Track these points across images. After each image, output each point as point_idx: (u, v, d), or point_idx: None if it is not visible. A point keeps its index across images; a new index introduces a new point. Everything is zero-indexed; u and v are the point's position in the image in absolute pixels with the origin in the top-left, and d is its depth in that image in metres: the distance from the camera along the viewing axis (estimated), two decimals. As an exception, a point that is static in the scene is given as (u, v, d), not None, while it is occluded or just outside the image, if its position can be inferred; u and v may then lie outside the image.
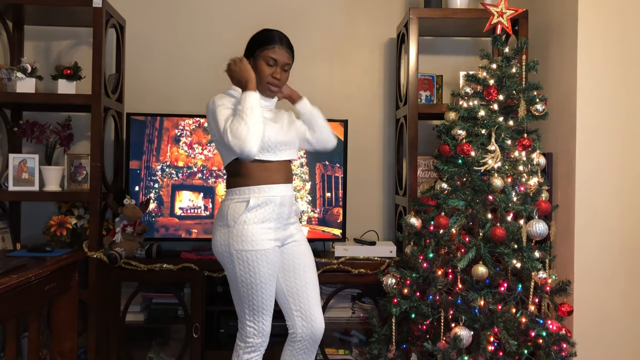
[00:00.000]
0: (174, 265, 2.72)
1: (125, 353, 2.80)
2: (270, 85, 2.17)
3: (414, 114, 2.83)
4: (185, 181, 2.92)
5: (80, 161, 2.95)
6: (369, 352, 2.49)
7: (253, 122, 1.98)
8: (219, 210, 2.17)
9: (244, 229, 2.07)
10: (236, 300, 2.15)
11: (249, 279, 2.08)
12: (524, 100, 2.42)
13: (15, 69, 2.79)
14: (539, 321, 2.28)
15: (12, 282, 1.95)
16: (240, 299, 2.12)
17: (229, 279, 2.15)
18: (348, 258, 2.80)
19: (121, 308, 2.77)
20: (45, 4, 2.78)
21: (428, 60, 3.20)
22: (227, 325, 2.83)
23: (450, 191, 2.44)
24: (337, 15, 3.28)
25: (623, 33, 2.52)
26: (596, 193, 2.51)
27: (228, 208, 2.11)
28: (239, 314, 2.16)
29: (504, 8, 2.50)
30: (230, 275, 2.12)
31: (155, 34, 3.22)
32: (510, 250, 2.29)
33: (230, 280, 2.15)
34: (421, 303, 2.37)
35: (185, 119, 2.92)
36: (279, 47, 2.17)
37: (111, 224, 2.90)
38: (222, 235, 2.11)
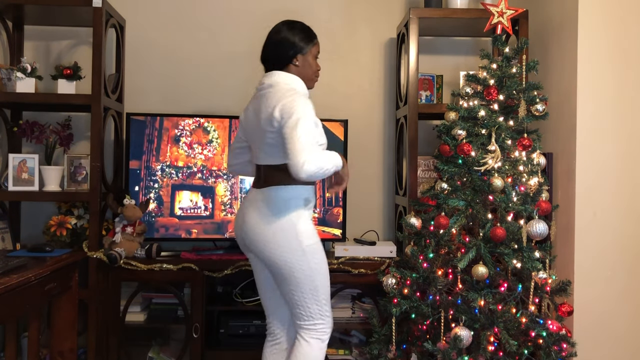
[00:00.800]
0: (174, 265, 2.71)
1: (125, 353, 2.80)
2: (315, 78, 2.26)
3: (414, 114, 2.83)
4: (185, 181, 2.92)
5: (80, 161, 2.95)
6: (369, 352, 2.49)
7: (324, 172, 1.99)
8: (276, 209, 2.10)
9: (309, 224, 2.13)
10: (310, 297, 2.12)
11: (323, 269, 2.14)
12: (524, 100, 2.42)
13: (15, 69, 2.78)
14: (539, 321, 2.28)
15: (12, 282, 1.95)
16: (317, 292, 2.12)
17: (297, 278, 2.09)
18: (348, 258, 2.80)
19: (121, 308, 2.77)
20: (45, 4, 2.78)
21: (428, 60, 3.19)
22: (227, 325, 2.83)
23: (450, 191, 2.44)
24: (337, 15, 3.28)
25: (623, 33, 2.52)
26: (596, 193, 2.51)
27: (289, 205, 2.10)
28: (313, 311, 2.13)
29: (504, 8, 2.50)
30: (303, 271, 2.09)
31: (155, 34, 3.22)
32: (510, 250, 2.29)
33: (299, 279, 2.09)
34: (421, 303, 2.36)
35: (185, 119, 2.92)
36: (317, 40, 2.25)
37: (111, 224, 2.90)
38: (291, 240, 2.08)
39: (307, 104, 2.03)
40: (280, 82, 2.13)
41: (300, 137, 1.94)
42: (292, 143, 1.94)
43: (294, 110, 1.99)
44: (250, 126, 2.20)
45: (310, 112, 2.02)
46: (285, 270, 2.09)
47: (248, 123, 2.22)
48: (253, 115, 2.18)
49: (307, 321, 2.14)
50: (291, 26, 2.20)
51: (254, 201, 2.16)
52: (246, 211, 2.17)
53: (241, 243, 2.23)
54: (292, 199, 2.11)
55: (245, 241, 2.18)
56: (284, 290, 2.15)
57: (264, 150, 2.13)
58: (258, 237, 2.11)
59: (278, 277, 2.13)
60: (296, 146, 1.92)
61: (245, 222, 2.15)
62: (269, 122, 2.05)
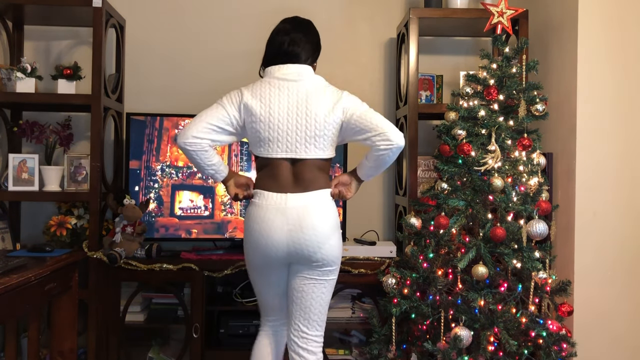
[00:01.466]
0: (174, 265, 2.71)
1: (125, 353, 2.80)
2: None
3: (414, 114, 2.83)
4: (185, 181, 2.92)
5: (80, 161, 2.95)
6: (369, 352, 2.49)
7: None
8: (328, 212, 2.09)
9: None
10: (326, 305, 2.17)
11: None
12: (524, 100, 2.42)
13: (15, 69, 2.79)
14: (539, 321, 2.28)
15: (12, 282, 1.95)
16: (328, 303, 2.18)
17: (331, 282, 2.15)
18: (348, 258, 2.80)
19: (121, 308, 2.77)
20: (45, 4, 2.78)
21: (428, 60, 3.19)
22: (227, 325, 2.83)
23: (450, 191, 2.44)
24: (337, 15, 3.28)
25: (623, 33, 2.52)
26: (596, 193, 2.51)
27: (334, 209, 2.14)
28: (322, 320, 2.16)
29: (504, 8, 2.50)
30: (335, 277, 2.16)
31: (155, 34, 3.22)
32: (510, 250, 2.29)
33: (331, 284, 2.16)
34: (421, 303, 2.37)
35: (185, 119, 2.92)
36: None
37: (111, 224, 2.90)
38: (340, 236, 2.14)
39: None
40: (320, 80, 2.16)
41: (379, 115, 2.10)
42: (379, 119, 2.07)
43: (356, 100, 2.15)
44: (282, 117, 2.07)
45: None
46: (334, 269, 2.12)
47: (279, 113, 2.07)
48: (293, 105, 2.08)
49: (318, 332, 2.15)
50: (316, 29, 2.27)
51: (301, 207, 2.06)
52: (299, 216, 2.04)
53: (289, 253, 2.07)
54: (333, 203, 2.14)
55: (305, 249, 2.05)
56: (317, 294, 2.12)
57: (314, 143, 2.07)
58: (326, 239, 2.07)
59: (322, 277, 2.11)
60: (384, 121, 2.07)
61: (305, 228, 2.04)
62: (335, 115, 2.08)
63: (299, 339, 2.13)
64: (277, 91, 2.09)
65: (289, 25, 2.21)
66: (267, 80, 2.13)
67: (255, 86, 2.13)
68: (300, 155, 2.08)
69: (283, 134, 2.08)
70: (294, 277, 2.13)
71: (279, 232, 2.04)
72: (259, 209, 2.08)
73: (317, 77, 2.16)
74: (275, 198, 2.06)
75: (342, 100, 2.11)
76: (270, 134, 2.08)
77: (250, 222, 2.10)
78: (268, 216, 2.06)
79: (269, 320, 2.29)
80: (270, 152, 2.09)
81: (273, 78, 2.12)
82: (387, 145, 2.04)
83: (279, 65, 2.13)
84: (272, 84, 2.11)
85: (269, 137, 2.08)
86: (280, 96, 2.09)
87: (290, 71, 2.11)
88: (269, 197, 2.07)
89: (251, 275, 2.22)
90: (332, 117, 2.08)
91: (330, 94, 2.12)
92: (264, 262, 2.12)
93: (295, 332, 2.14)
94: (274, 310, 2.26)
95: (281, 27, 2.22)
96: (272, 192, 2.08)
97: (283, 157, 2.09)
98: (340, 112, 2.09)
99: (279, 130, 2.07)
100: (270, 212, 2.06)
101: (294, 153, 2.08)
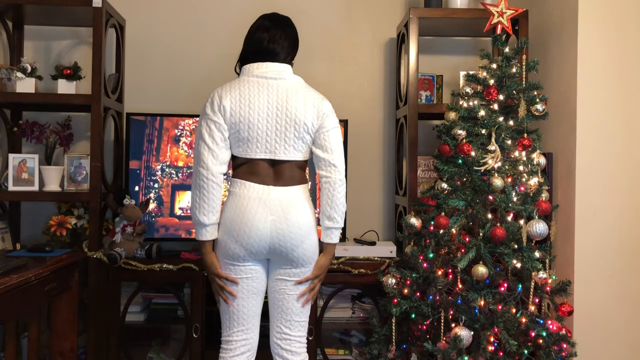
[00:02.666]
0: (174, 265, 2.71)
1: (125, 353, 2.80)
2: None
3: (414, 114, 2.83)
4: (185, 181, 2.92)
5: (80, 161, 2.95)
6: (369, 352, 2.49)
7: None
8: (309, 209, 2.09)
9: None
10: (305, 308, 2.15)
11: None
12: (524, 100, 2.42)
13: (15, 69, 2.79)
14: (539, 321, 2.28)
15: (12, 282, 1.95)
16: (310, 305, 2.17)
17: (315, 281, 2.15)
18: (348, 258, 2.80)
19: (121, 308, 2.77)
20: (45, 4, 2.78)
21: (428, 60, 3.20)
22: (227, 325, 2.83)
23: (450, 191, 2.44)
24: (337, 15, 3.28)
25: (623, 33, 2.52)
26: (596, 193, 2.51)
27: (311, 204, 2.13)
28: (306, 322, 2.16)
29: (504, 8, 2.50)
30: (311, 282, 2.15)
31: (155, 34, 3.22)
32: (510, 251, 2.29)
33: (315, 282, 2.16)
34: (421, 303, 2.37)
35: (185, 119, 2.92)
36: None
37: (111, 224, 2.90)
38: (316, 238, 2.12)
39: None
40: (300, 81, 2.12)
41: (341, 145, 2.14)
42: (339, 148, 2.11)
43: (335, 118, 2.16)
44: (262, 117, 2.03)
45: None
46: (304, 272, 2.09)
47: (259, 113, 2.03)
48: (273, 105, 2.04)
49: (299, 332, 2.12)
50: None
51: (282, 200, 2.03)
52: (279, 211, 2.02)
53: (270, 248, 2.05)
54: (309, 199, 2.14)
55: (284, 244, 2.04)
56: (295, 293, 2.10)
57: (293, 145, 2.06)
58: (305, 236, 2.05)
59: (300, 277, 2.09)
60: (341, 152, 2.11)
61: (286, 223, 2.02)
62: (312, 117, 2.06)
63: (281, 340, 2.12)
64: (257, 90, 2.05)
65: (268, 22, 2.15)
66: (246, 79, 2.08)
67: (232, 85, 2.07)
68: (279, 157, 2.06)
69: (262, 135, 2.04)
70: (273, 279, 2.12)
71: (263, 222, 2.01)
72: (241, 199, 2.04)
73: (296, 76, 2.13)
74: (258, 188, 2.04)
75: (322, 105, 2.10)
76: (249, 134, 2.04)
77: (231, 212, 2.04)
78: (251, 205, 2.02)
79: (235, 335, 2.11)
80: (249, 152, 2.06)
81: (252, 76, 2.07)
82: (329, 173, 2.08)
83: (258, 63, 2.09)
84: (251, 82, 2.06)
85: (249, 137, 2.04)
86: (259, 95, 2.04)
87: (270, 69, 2.07)
88: (251, 187, 2.04)
89: (224, 271, 2.08)
90: (310, 118, 2.07)
91: (311, 95, 2.10)
92: (244, 253, 2.04)
93: (277, 334, 2.13)
94: (243, 317, 2.10)
95: (260, 23, 2.17)
96: (254, 182, 2.05)
97: (262, 158, 2.06)
98: (317, 114, 2.08)
99: (258, 131, 2.04)
100: (253, 202, 2.02)
101: (273, 154, 2.06)
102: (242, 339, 2.11)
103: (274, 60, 2.10)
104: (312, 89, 2.14)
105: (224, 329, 2.13)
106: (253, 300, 2.11)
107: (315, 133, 2.09)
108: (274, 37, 2.11)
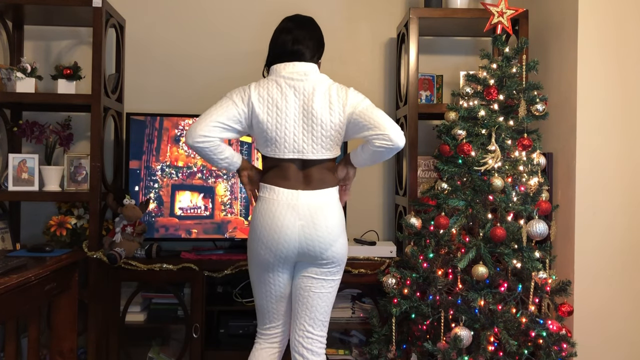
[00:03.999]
0: (174, 265, 2.71)
1: (125, 353, 2.80)
2: None
3: (414, 113, 2.83)
4: (185, 181, 2.92)
5: (80, 161, 2.95)
6: (369, 352, 2.49)
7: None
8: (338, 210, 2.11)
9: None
10: (330, 307, 2.16)
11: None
12: (524, 100, 2.42)
13: (15, 69, 2.79)
14: (539, 321, 2.28)
15: (12, 282, 1.95)
16: (332, 304, 2.17)
17: (334, 286, 2.16)
18: (348, 258, 2.80)
19: (121, 308, 2.77)
20: (45, 4, 2.78)
21: (428, 60, 3.20)
22: (227, 325, 2.83)
23: (450, 191, 2.44)
24: (337, 15, 3.28)
25: (623, 33, 2.52)
26: (596, 193, 2.51)
27: (341, 209, 2.15)
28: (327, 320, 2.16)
29: (504, 8, 2.50)
30: (339, 279, 2.16)
31: (155, 34, 3.22)
32: (510, 250, 2.29)
33: (337, 282, 2.16)
34: (421, 303, 2.37)
35: (185, 118, 2.92)
36: None
37: (111, 224, 2.90)
38: (346, 239, 2.15)
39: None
40: (325, 78, 2.14)
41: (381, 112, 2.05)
42: (380, 116, 2.02)
43: (360, 95, 2.11)
44: (290, 118, 2.06)
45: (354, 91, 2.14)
46: (341, 267, 2.13)
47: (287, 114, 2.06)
48: (300, 106, 2.06)
49: (322, 332, 2.13)
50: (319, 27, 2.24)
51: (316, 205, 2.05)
52: (312, 214, 2.04)
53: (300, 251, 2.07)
54: (339, 202, 2.14)
55: (317, 247, 2.05)
56: (324, 292, 2.11)
57: (321, 144, 2.07)
58: (336, 237, 2.08)
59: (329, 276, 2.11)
60: (385, 118, 2.02)
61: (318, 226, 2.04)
62: (339, 112, 2.06)
63: (303, 339, 2.11)
64: (284, 91, 2.07)
65: (292, 24, 2.18)
66: (274, 79, 2.09)
67: (262, 84, 2.10)
68: (308, 157, 2.07)
69: (290, 135, 2.06)
70: (300, 276, 2.12)
71: (292, 227, 2.02)
72: (270, 204, 2.05)
73: (322, 76, 2.13)
74: (287, 194, 2.05)
75: (347, 99, 2.08)
76: (277, 134, 2.06)
77: (260, 217, 2.06)
78: (280, 211, 2.03)
79: (266, 329, 2.22)
80: (277, 152, 2.08)
81: (279, 77, 2.09)
82: (387, 145, 2.00)
83: (285, 64, 2.10)
84: (279, 82, 2.08)
85: (277, 137, 2.06)
86: (287, 96, 2.06)
87: (297, 70, 2.08)
88: (280, 192, 2.05)
89: (254, 276, 2.16)
90: (337, 117, 2.06)
91: (336, 93, 2.09)
92: (273, 259, 2.07)
93: (300, 332, 2.12)
94: (273, 316, 2.19)
95: (284, 25, 2.19)
96: (283, 188, 2.07)
97: (291, 158, 2.07)
98: (345, 111, 2.07)
99: (286, 132, 2.06)
100: (282, 207, 2.04)
101: (301, 154, 2.07)
102: (273, 333, 2.21)
103: (301, 60, 2.12)
104: (337, 85, 2.13)
105: (258, 322, 2.24)
106: (282, 303, 2.18)
107: (350, 120, 2.07)
108: (297, 38, 2.13)
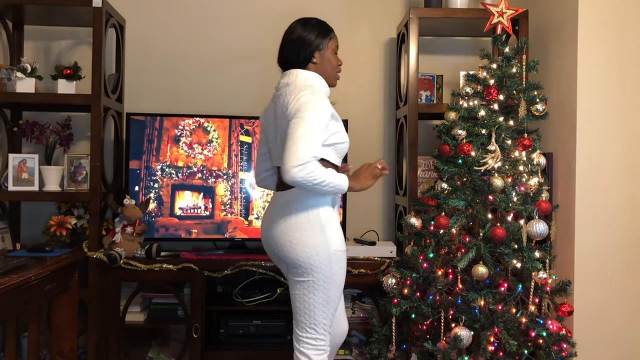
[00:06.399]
0: (174, 265, 2.71)
1: (125, 353, 2.80)
2: (337, 74, 2.21)
3: (414, 113, 2.83)
4: (185, 181, 2.92)
5: (80, 161, 2.95)
6: (369, 352, 2.49)
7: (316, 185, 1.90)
8: (303, 210, 2.04)
9: (337, 229, 2.08)
10: (320, 307, 2.04)
11: (341, 279, 2.09)
12: (524, 100, 2.42)
13: (15, 69, 2.78)
14: (539, 321, 2.28)
15: (12, 282, 1.95)
16: (328, 304, 2.05)
17: (315, 282, 2.02)
18: (348, 258, 2.80)
19: (121, 308, 2.77)
20: (45, 4, 2.78)
21: (428, 60, 3.19)
22: (227, 325, 2.83)
23: (450, 191, 2.44)
24: (337, 15, 3.28)
25: (623, 33, 2.52)
26: (596, 193, 2.51)
27: (319, 208, 2.05)
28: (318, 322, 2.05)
29: (504, 8, 2.50)
30: (324, 275, 2.02)
31: (155, 34, 3.22)
32: (510, 250, 2.29)
33: (316, 284, 2.02)
34: (421, 303, 2.37)
35: (185, 118, 2.92)
36: (334, 34, 2.21)
37: (111, 224, 2.90)
38: (317, 237, 2.02)
39: (320, 101, 1.97)
40: (298, 79, 2.07)
41: (301, 136, 1.88)
42: (292, 141, 1.88)
43: (303, 106, 1.93)
44: (270, 127, 2.17)
45: (322, 110, 1.96)
46: (306, 270, 2.01)
47: (268, 124, 2.19)
48: (272, 116, 2.14)
49: (308, 334, 2.06)
50: (305, 23, 2.17)
51: (278, 205, 2.13)
52: (272, 215, 2.12)
53: (270, 252, 2.20)
54: (320, 201, 2.06)
55: (273, 247, 2.12)
56: (295, 293, 2.07)
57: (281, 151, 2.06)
58: (285, 238, 2.05)
59: (294, 277, 2.06)
60: (294, 146, 1.87)
61: (272, 227, 2.10)
62: (285, 121, 2.00)
63: (294, 339, 2.14)
64: (272, 104, 2.17)
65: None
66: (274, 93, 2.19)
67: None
68: (279, 164, 2.10)
69: (272, 145, 2.20)
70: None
71: (265, 227, 2.21)
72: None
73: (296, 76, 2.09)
74: (272, 195, 2.25)
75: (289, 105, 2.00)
76: (269, 144, 2.24)
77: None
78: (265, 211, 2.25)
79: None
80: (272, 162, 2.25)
81: (275, 90, 2.18)
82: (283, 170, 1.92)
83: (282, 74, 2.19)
84: (273, 94, 2.18)
85: (271, 147, 2.22)
86: (271, 108, 2.17)
87: (282, 81, 2.14)
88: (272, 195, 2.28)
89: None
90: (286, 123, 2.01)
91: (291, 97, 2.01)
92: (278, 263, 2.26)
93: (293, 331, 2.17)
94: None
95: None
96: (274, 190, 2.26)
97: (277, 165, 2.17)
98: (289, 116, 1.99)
99: (271, 141, 2.20)
100: (267, 207, 2.23)
101: (275, 162, 2.20)
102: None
103: (287, 69, 2.15)
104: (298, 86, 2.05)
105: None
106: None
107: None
108: (280, 51, 2.18)
